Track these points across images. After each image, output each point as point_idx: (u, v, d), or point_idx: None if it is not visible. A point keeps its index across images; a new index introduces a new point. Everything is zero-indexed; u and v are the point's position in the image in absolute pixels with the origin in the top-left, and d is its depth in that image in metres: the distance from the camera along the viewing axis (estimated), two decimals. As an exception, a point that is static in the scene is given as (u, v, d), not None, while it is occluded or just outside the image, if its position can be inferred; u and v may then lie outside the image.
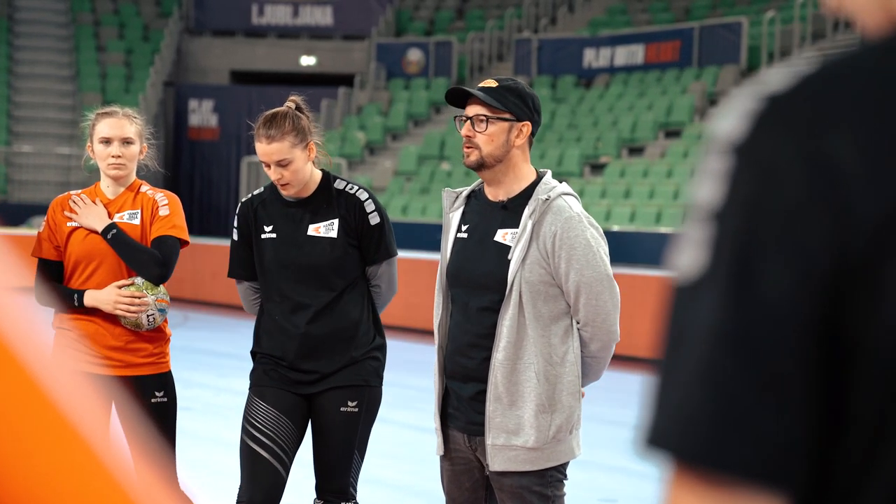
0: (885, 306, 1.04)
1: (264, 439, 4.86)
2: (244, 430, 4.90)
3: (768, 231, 1.05)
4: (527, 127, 4.27)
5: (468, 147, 4.27)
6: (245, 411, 4.94)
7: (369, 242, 4.91)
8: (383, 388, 5.04)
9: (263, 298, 5.00)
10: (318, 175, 4.98)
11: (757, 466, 1.03)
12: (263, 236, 4.96)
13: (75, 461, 0.97)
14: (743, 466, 1.03)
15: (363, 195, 4.96)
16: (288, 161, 4.83)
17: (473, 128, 4.26)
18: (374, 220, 4.92)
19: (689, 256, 1.08)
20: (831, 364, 1.05)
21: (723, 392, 1.04)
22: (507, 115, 4.25)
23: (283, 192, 4.90)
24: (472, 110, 4.28)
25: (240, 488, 4.91)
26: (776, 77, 1.10)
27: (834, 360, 1.05)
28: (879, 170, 1.04)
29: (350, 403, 4.88)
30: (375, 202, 4.97)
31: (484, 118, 4.25)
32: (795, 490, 1.05)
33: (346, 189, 4.96)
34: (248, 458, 4.87)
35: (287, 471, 4.91)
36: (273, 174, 4.86)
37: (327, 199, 4.93)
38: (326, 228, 4.91)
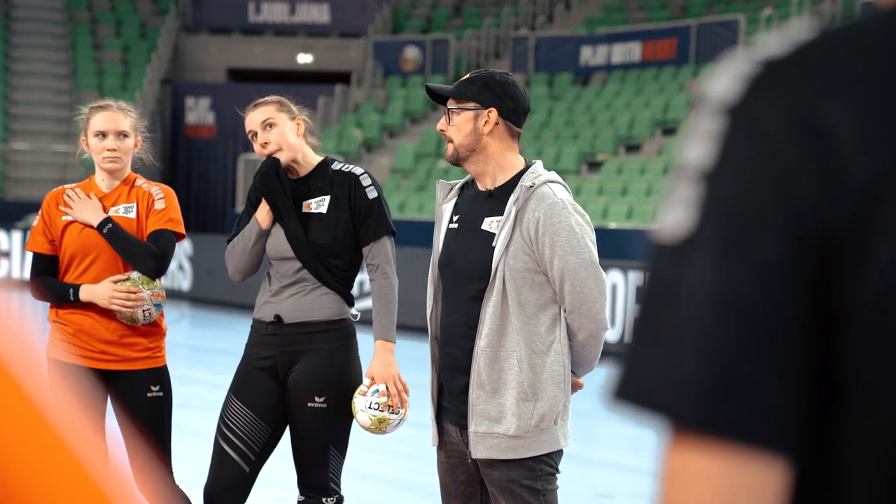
0: (868, 276, 1.04)
1: (234, 439, 4.95)
2: (217, 428, 5.00)
3: (760, 195, 1.04)
4: (493, 113, 4.28)
5: (447, 142, 4.33)
6: (222, 409, 5.01)
7: (368, 218, 4.91)
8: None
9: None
10: (315, 158, 5.05)
11: (755, 430, 1.03)
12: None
13: (55, 467, 0.96)
14: (741, 430, 1.03)
15: (358, 170, 5.01)
16: (273, 122, 4.94)
17: (448, 123, 4.32)
18: (372, 194, 4.94)
19: (677, 215, 1.07)
20: (821, 331, 1.05)
21: (718, 355, 1.03)
22: (469, 105, 4.28)
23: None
24: (447, 105, 4.36)
25: (206, 480, 4.99)
26: (772, 41, 1.10)
27: (823, 326, 1.05)
28: (872, 137, 1.04)
29: (317, 399, 4.89)
30: (372, 178, 5.00)
31: (451, 110, 4.32)
32: (792, 454, 1.05)
33: (342, 168, 5.02)
34: (217, 455, 4.97)
35: (255, 467, 4.97)
36: (260, 140, 4.95)
37: (322, 178, 4.99)
38: (317, 204, 4.96)
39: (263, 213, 4.99)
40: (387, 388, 4.78)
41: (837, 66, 1.06)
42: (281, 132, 4.93)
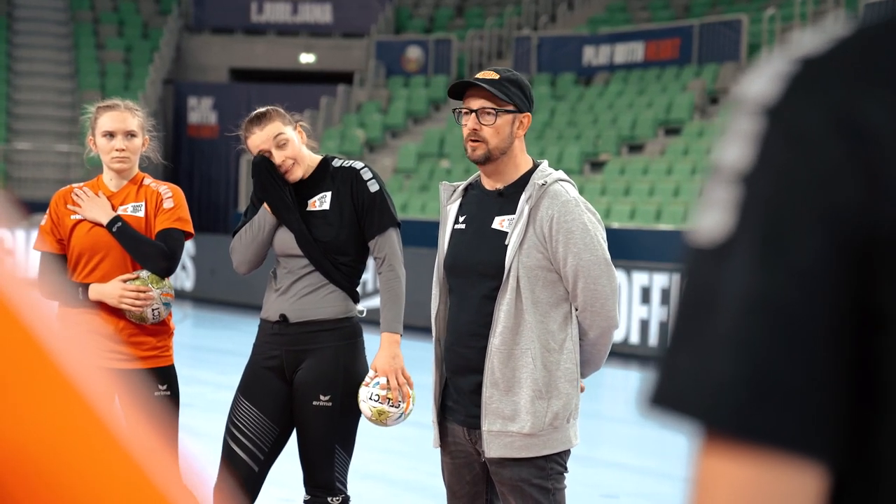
0: None
1: (243, 439, 4.96)
2: (226, 429, 5.01)
3: (800, 198, 1.02)
4: (527, 118, 4.31)
5: (474, 141, 4.26)
6: (230, 409, 5.03)
7: (371, 211, 4.93)
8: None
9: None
10: (316, 158, 5.09)
11: (792, 435, 1.01)
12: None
13: (104, 453, 0.96)
14: (778, 436, 1.01)
15: (359, 165, 5.03)
16: (285, 138, 4.95)
17: (479, 121, 4.25)
18: (374, 187, 4.96)
19: (714, 218, 1.05)
20: (862, 334, 1.03)
21: (755, 359, 1.01)
22: (510, 108, 4.26)
23: (290, 178, 4.99)
24: (477, 103, 4.27)
25: (216, 479, 5.01)
26: (810, 39, 1.07)
27: (864, 330, 1.03)
28: None
29: (322, 398, 4.89)
30: (373, 172, 5.01)
31: (492, 111, 4.26)
32: (831, 460, 1.03)
33: (343, 164, 5.04)
34: (226, 454, 4.99)
35: (264, 467, 4.98)
36: (277, 160, 4.96)
37: (323, 176, 5.01)
38: (320, 202, 4.98)
39: None
40: (388, 381, 4.80)
41: (877, 64, 1.04)
42: (294, 147, 4.98)
